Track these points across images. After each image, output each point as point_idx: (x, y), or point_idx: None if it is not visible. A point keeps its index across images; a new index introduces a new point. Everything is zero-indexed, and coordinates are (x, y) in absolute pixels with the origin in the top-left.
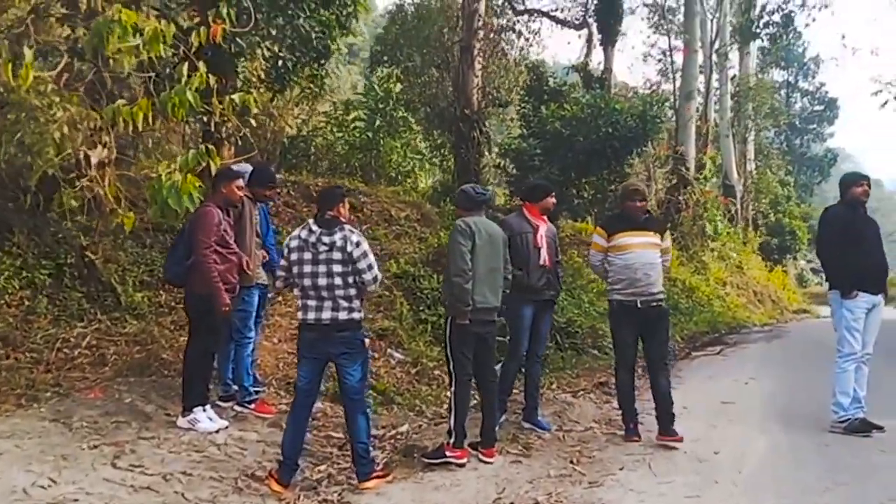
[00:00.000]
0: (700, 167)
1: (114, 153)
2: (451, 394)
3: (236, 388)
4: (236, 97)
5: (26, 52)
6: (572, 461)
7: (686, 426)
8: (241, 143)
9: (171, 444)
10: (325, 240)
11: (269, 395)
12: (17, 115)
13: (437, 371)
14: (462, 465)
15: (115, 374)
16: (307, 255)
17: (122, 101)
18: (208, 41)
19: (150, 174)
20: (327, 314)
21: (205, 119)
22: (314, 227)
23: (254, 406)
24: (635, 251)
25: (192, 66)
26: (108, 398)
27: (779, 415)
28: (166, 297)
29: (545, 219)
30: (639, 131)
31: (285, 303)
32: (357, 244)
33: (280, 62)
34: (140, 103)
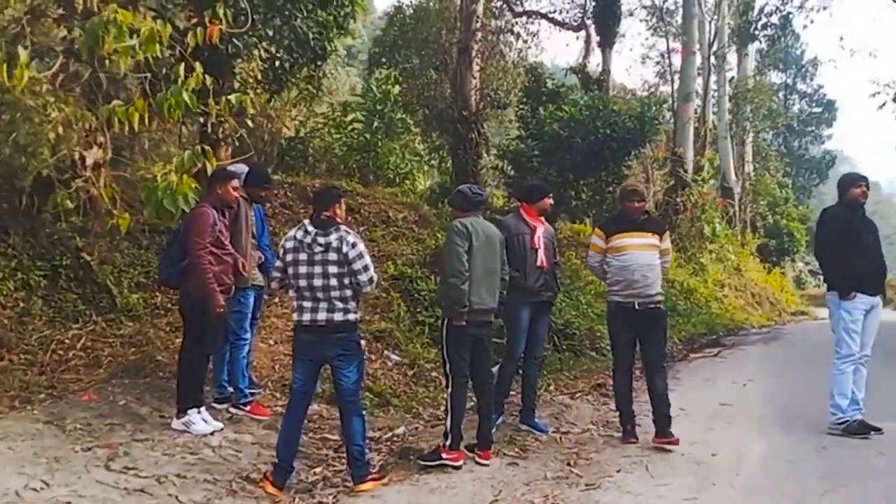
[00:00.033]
0: (698, 169)
1: (109, 154)
2: (447, 396)
3: (231, 389)
4: (233, 98)
5: (21, 52)
6: (569, 463)
7: (683, 428)
8: (239, 144)
9: (165, 446)
10: (321, 240)
11: (265, 397)
12: (12, 115)
13: (433, 373)
14: (458, 468)
15: (109, 375)
16: (302, 255)
17: (117, 102)
18: (205, 42)
19: (146, 175)
20: (323, 315)
21: (201, 120)
22: (310, 228)
23: (249, 408)
24: (633, 252)
25: (188, 66)
26: (102, 400)
27: (777, 417)
28: (162, 298)
29: (543, 220)
30: (637, 133)
31: (282, 304)
32: (353, 245)
33: (277, 63)
34: (136, 104)
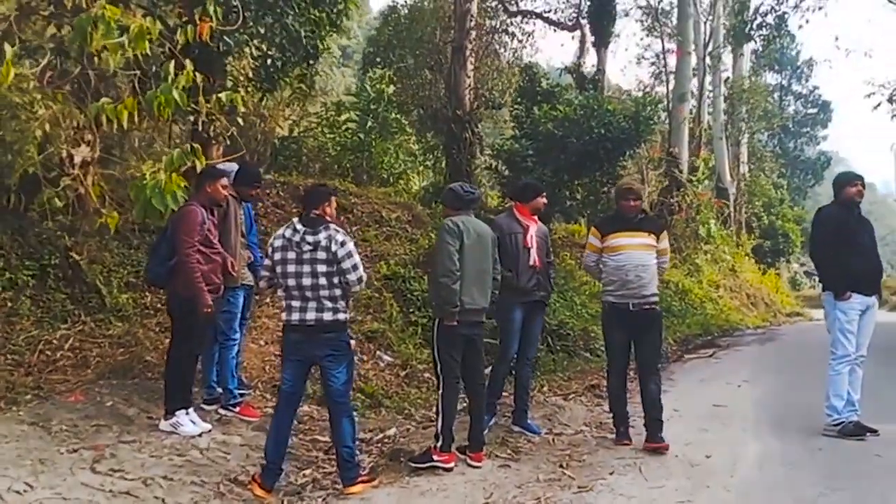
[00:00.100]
0: (693, 169)
1: (97, 152)
2: (438, 397)
3: (220, 390)
4: (223, 96)
5: (7, 48)
6: (562, 465)
7: (678, 429)
8: (231, 143)
9: (152, 447)
10: (310, 239)
11: (255, 398)
12: None
13: (426, 374)
14: (449, 470)
15: (97, 376)
16: (291, 254)
17: (106, 100)
18: (195, 39)
19: (135, 174)
20: (312, 315)
21: (192, 118)
22: (298, 227)
23: (238, 409)
24: (628, 252)
25: (178, 64)
26: (89, 401)
27: (772, 418)
28: (152, 298)
29: (536, 219)
30: (631, 132)
31: (272, 304)
32: (342, 244)
33: (269, 61)
34: (125, 102)
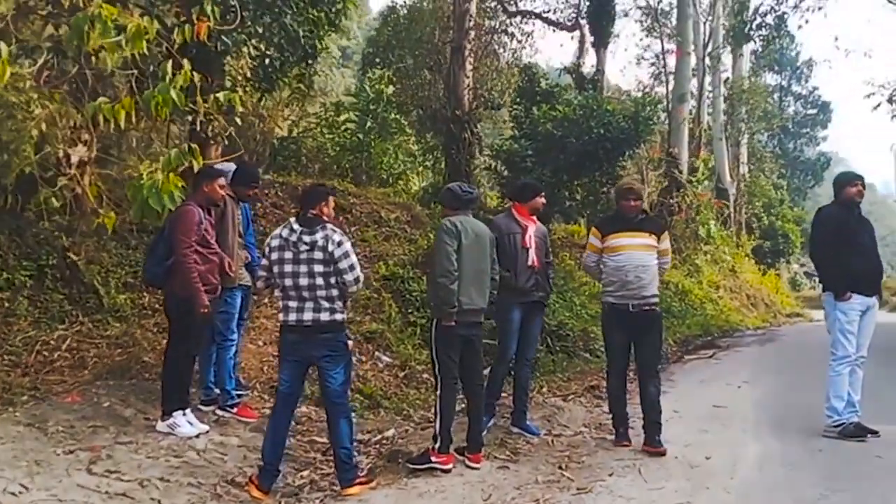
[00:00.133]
0: (693, 170)
1: (94, 152)
2: (436, 398)
3: (218, 391)
4: (221, 96)
5: (2, 47)
6: (560, 467)
7: (677, 431)
8: (229, 143)
9: (149, 449)
10: (306, 239)
11: (253, 399)
12: None
13: (425, 374)
14: (448, 471)
15: (94, 377)
16: (288, 254)
17: (103, 99)
18: (193, 39)
19: (133, 173)
20: (309, 315)
21: (190, 118)
22: (295, 226)
23: (236, 410)
24: (627, 252)
25: (176, 64)
26: (85, 402)
27: (772, 419)
28: (150, 298)
29: (534, 219)
30: (631, 132)
31: (271, 304)
32: (339, 244)
33: (267, 61)
34: (122, 101)
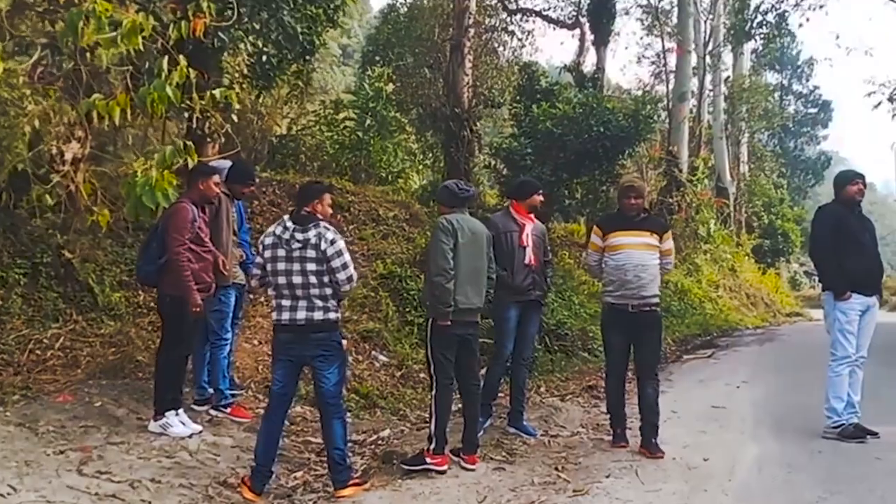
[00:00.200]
0: (693, 169)
1: (88, 148)
2: (431, 398)
3: (212, 391)
4: (217, 92)
5: None
6: (557, 468)
7: (675, 431)
8: (227, 140)
9: (140, 449)
10: (299, 237)
11: (248, 399)
12: None
13: (422, 374)
14: (443, 472)
15: (87, 376)
16: (281, 252)
17: (97, 96)
18: (189, 35)
19: (128, 171)
20: (302, 314)
21: (187, 115)
22: (288, 224)
23: (230, 410)
24: (627, 251)
25: (172, 60)
26: (77, 401)
27: (771, 420)
28: (145, 297)
29: (532, 217)
30: (631, 131)
31: (266, 303)
32: (331, 242)
33: (264, 58)
34: (118, 98)
